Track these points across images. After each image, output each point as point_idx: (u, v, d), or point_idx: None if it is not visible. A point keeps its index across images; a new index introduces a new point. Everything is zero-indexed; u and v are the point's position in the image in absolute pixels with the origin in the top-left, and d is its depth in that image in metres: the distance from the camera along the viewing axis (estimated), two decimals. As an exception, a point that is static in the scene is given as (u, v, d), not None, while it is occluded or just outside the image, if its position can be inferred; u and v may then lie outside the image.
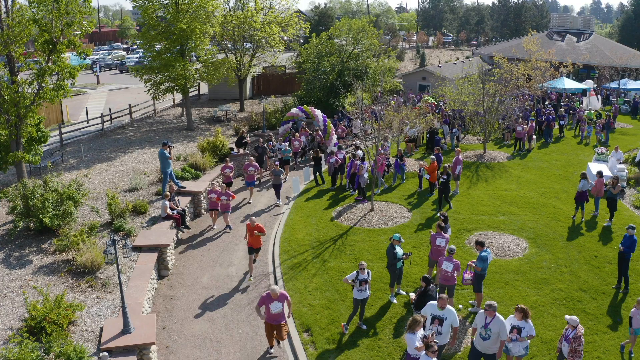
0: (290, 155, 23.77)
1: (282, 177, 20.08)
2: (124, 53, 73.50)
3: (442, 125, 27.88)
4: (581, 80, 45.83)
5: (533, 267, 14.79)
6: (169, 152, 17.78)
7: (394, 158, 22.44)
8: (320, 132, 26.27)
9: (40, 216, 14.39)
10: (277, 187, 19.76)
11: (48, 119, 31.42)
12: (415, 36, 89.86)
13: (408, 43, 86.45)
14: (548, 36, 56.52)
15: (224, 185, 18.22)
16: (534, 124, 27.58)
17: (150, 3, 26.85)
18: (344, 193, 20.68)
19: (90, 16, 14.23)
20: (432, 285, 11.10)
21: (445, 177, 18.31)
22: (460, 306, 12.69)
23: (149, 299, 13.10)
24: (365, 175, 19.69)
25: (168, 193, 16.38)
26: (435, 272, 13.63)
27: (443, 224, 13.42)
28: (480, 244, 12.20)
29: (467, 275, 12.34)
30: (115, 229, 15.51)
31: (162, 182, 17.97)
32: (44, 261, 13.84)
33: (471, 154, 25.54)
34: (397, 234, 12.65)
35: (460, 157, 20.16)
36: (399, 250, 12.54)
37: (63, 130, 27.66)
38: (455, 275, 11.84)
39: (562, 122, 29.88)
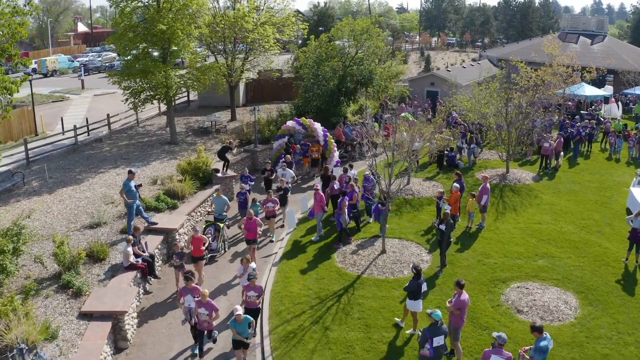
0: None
1: None
2: (114, 55, 70.13)
3: (460, 139, 24.67)
4: (597, 86, 42.63)
5: (590, 337, 11.66)
6: (136, 187, 14.63)
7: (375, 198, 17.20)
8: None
9: (-36, 273, 11.28)
10: None
11: (20, 130, 28.41)
12: (418, 37, 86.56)
13: (411, 44, 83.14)
14: (560, 38, 53.27)
15: None
16: (562, 139, 24.41)
17: (129, 1, 23.72)
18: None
19: (27, 16, 11.14)
20: None
21: (443, 226, 14.06)
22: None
23: (95, 390, 9.97)
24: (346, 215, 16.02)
25: (131, 237, 13.21)
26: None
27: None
28: (537, 330, 9.09)
29: (520, 370, 9.21)
30: (64, 285, 12.35)
31: (127, 218, 14.78)
32: (-33, 333, 10.70)
33: (492, 174, 22.35)
34: (438, 313, 9.56)
35: (487, 185, 16.97)
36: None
37: (35, 143, 24.52)
38: (506, 372, 8.72)
39: (592, 136, 26.73)
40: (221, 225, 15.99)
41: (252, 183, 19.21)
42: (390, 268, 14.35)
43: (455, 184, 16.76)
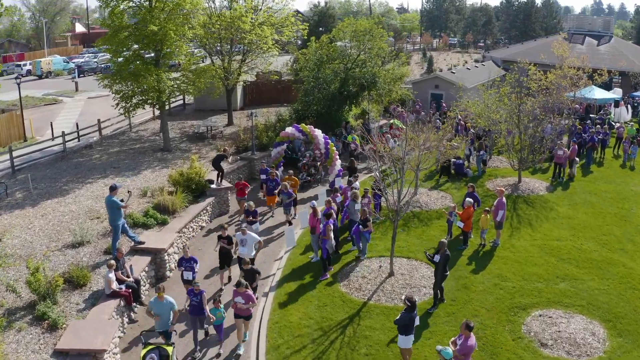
0: None
1: None
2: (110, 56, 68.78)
3: (468, 146, 23.43)
4: (605, 89, 41.36)
5: (624, 376, 10.47)
6: (125, 200, 13.41)
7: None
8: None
9: None
10: None
11: (8, 136, 27.22)
12: (419, 38, 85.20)
13: (412, 45, 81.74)
14: (566, 39, 52.10)
15: None
16: (576, 146, 23.18)
17: (119, 1, 22.52)
18: (349, 242, 16.28)
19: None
20: None
21: (438, 257, 12.31)
22: None
23: None
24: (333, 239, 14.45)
25: (113, 262, 11.97)
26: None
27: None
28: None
29: None
30: (38, 317, 11.12)
31: (112, 238, 13.55)
32: None
33: (504, 183, 21.11)
34: (449, 351, 8.38)
35: (503, 199, 15.72)
36: None
37: (22, 150, 23.26)
38: None
39: (605, 142, 25.48)
40: (169, 349, 10.11)
41: (197, 269, 12.78)
42: (399, 293, 13.09)
43: (468, 199, 15.49)
